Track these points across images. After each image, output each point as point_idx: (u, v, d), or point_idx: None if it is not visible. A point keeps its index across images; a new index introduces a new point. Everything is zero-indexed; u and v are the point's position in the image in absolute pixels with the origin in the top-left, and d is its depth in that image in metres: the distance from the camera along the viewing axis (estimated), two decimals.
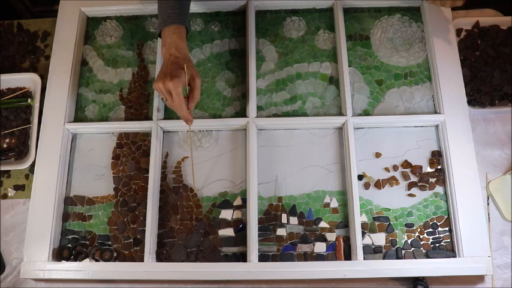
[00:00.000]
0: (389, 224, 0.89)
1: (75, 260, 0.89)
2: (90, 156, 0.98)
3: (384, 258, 0.86)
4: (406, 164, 0.93)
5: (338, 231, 0.89)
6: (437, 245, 0.88)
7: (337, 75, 1.00)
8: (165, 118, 0.98)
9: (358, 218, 0.86)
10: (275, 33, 1.05)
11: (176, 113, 0.87)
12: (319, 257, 0.87)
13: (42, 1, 1.52)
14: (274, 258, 0.88)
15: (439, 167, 0.93)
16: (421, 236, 0.88)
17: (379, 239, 0.88)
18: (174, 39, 0.83)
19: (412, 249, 0.87)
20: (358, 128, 0.96)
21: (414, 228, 0.89)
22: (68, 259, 0.90)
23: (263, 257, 0.87)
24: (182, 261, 0.88)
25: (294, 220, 0.90)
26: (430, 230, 0.88)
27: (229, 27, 1.06)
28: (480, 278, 0.86)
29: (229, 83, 1.01)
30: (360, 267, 0.84)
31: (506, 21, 1.04)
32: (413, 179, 0.92)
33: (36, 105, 1.01)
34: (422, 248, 0.87)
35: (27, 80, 1.04)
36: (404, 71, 1.00)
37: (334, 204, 0.91)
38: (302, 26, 1.05)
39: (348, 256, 0.87)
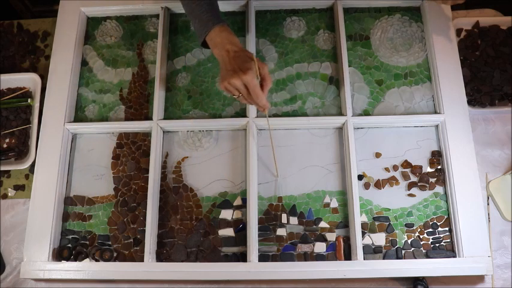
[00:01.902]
0: (389, 224, 0.89)
1: (75, 260, 0.89)
2: (90, 156, 0.98)
3: (383, 258, 0.86)
4: (406, 164, 0.93)
5: (338, 231, 0.89)
6: (437, 245, 0.88)
7: (337, 75, 1.00)
8: (165, 118, 0.98)
9: (358, 218, 0.86)
10: (275, 33, 1.05)
11: (244, 104, 0.86)
12: (319, 257, 0.87)
13: (42, 1, 1.52)
14: (274, 258, 0.88)
15: (439, 167, 0.93)
16: (421, 236, 0.88)
17: (379, 239, 0.88)
18: (224, 37, 0.82)
19: (412, 249, 0.87)
20: (358, 128, 0.96)
21: (414, 228, 0.89)
22: (68, 259, 0.90)
23: (263, 257, 0.87)
24: (182, 261, 0.88)
25: (294, 220, 0.90)
26: (430, 230, 0.88)
27: (229, 27, 1.05)
28: (480, 278, 0.86)
29: None
30: (360, 267, 0.84)
31: (506, 21, 1.04)
32: (413, 179, 0.92)
33: (36, 105, 1.01)
34: (422, 248, 0.87)
35: (27, 80, 1.04)
36: (404, 71, 1.00)
37: (334, 204, 0.91)
38: (302, 26, 1.05)
39: (348, 256, 0.87)
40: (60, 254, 0.90)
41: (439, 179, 0.92)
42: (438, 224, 0.89)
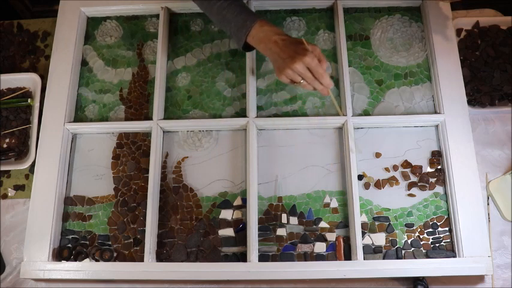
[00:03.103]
0: (390, 224, 0.89)
1: (75, 260, 0.89)
2: (90, 156, 0.98)
3: (383, 258, 0.86)
4: (406, 164, 0.93)
5: (338, 231, 0.89)
6: (437, 245, 0.88)
7: (337, 75, 1.00)
8: (165, 118, 0.98)
9: (358, 218, 0.86)
10: None
11: (304, 89, 0.84)
12: (319, 257, 0.87)
13: (42, 1, 1.52)
14: (274, 258, 0.88)
15: (439, 167, 0.93)
16: (421, 236, 0.88)
17: (379, 239, 0.88)
18: (267, 30, 0.80)
19: (412, 249, 0.87)
20: (358, 128, 0.96)
21: (414, 228, 0.89)
22: (68, 259, 0.90)
23: (263, 257, 0.87)
24: (182, 261, 0.88)
25: (294, 220, 0.90)
26: (430, 230, 0.88)
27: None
28: (480, 278, 0.86)
29: (229, 83, 1.01)
30: (360, 267, 0.84)
31: (506, 21, 1.04)
32: (413, 179, 0.92)
33: (36, 105, 1.01)
34: (422, 248, 0.87)
35: (27, 80, 1.04)
36: (404, 71, 1.00)
37: (334, 204, 0.91)
38: (302, 26, 1.05)
39: (348, 256, 0.87)
40: (60, 254, 0.90)
41: (439, 179, 0.92)
42: (438, 224, 0.89)
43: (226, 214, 0.91)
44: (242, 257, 0.88)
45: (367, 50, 1.02)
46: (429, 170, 0.93)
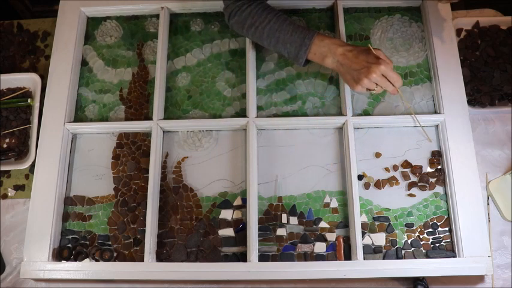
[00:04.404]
0: (390, 224, 0.89)
1: (75, 260, 0.89)
2: (90, 156, 0.98)
3: (383, 258, 0.86)
4: (406, 164, 0.93)
5: (338, 231, 0.89)
6: (437, 245, 0.88)
7: (337, 75, 1.00)
8: (165, 118, 0.98)
9: (358, 218, 0.86)
10: None
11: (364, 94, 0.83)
12: (319, 257, 0.87)
13: (42, 1, 1.52)
14: (274, 258, 0.88)
15: (439, 167, 0.93)
16: (421, 236, 0.88)
17: (379, 239, 0.88)
18: (328, 43, 0.80)
19: (412, 249, 0.87)
20: (358, 128, 0.96)
21: (414, 228, 0.89)
22: (68, 259, 0.90)
23: (263, 257, 0.87)
24: (182, 261, 0.88)
25: (294, 220, 0.90)
26: (430, 230, 0.88)
27: (229, 27, 1.06)
28: (480, 278, 0.86)
29: (229, 83, 1.01)
30: (360, 267, 0.84)
31: (506, 21, 1.04)
32: (413, 179, 0.92)
33: (36, 105, 1.01)
34: (422, 248, 0.87)
35: (27, 80, 1.04)
36: (404, 71, 1.00)
37: (334, 204, 0.91)
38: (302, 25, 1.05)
39: (348, 256, 0.87)
40: (60, 254, 0.90)
41: (439, 179, 0.92)
42: (438, 224, 0.89)
43: (226, 214, 0.91)
44: (242, 257, 0.88)
45: None
46: (429, 170, 0.93)
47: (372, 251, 0.87)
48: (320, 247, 0.88)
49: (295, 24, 0.85)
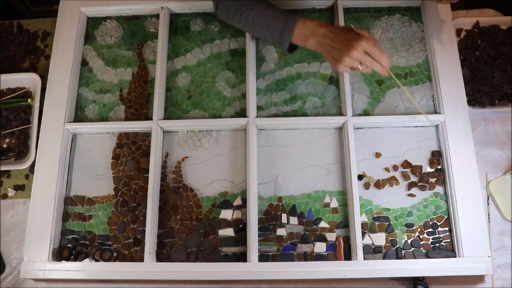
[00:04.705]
0: (390, 224, 0.89)
1: (75, 260, 0.89)
2: (90, 156, 0.98)
3: (383, 258, 0.86)
4: (406, 164, 0.93)
5: (338, 231, 0.89)
6: (437, 245, 0.88)
7: (337, 75, 1.00)
8: (165, 118, 0.98)
9: (358, 218, 0.86)
10: None
11: (359, 72, 0.81)
12: (319, 257, 0.87)
13: (42, 1, 1.52)
14: (274, 258, 0.88)
15: (439, 167, 0.93)
16: (421, 236, 0.88)
17: (379, 239, 0.88)
18: (311, 25, 0.79)
19: (412, 249, 0.87)
20: (358, 128, 0.96)
21: (414, 228, 0.89)
22: (68, 259, 0.90)
23: (263, 257, 0.87)
24: (182, 261, 0.88)
25: (294, 220, 0.90)
26: (430, 230, 0.88)
27: (229, 27, 1.06)
28: (480, 278, 0.86)
29: (229, 83, 1.01)
30: (360, 267, 0.84)
31: (506, 21, 1.04)
32: (413, 179, 0.92)
33: (36, 105, 1.01)
34: (422, 248, 0.87)
35: (27, 80, 1.04)
36: (404, 71, 1.00)
37: (334, 204, 0.91)
38: None
39: (348, 256, 0.87)
40: (60, 254, 0.90)
41: (439, 179, 0.92)
42: (438, 224, 0.89)
43: (226, 214, 0.91)
44: (242, 257, 0.88)
45: None
46: (429, 170, 0.93)
47: (372, 251, 0.87)
48: (320, 247, 0.88)
49: (279, 9, 0.84)
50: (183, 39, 1.06)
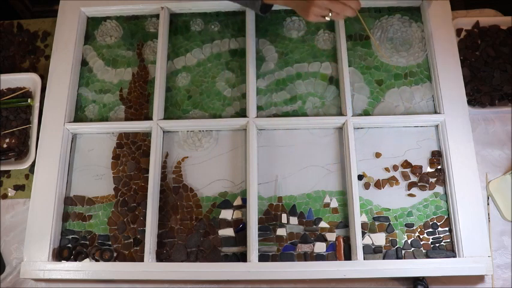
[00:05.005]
0: (390, 224, 0.89)
1: (75, 260, 0.89)
2: (90, 156, 0.98)
3: (383, 258, 0.86)
4: (406, 164, 0.93)
5: (338, 231, 0.89)
6: (437, 245, 0.88)
7: (337, 75, 1.00)
8: (165, 118, 0.98)
9: (358, 218, 0.86)
10: (275, 33, 1.05)
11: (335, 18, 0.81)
12: (319, 257, 0.87)
13: (42, 1, 1.52)
14: (274, 258, 0.88)
15: (439, 167, 0.93)
16: (421, 236, 0.88)
17: (379, 239, 0.88)
18: None
19: (412, 249, 0.87)
20: (358, 128, 0.96)
21: (414, 228, 0.89)
22: (68, 259, 0.90)
23: (263, 257, 0.87)
24: (182, 261, 0.88)
25: (294, 220, 0.90)
26: (430, 230, 0.88)
27: (229, 27, 1.06)
28: (480, 278, 0.86)
29: (229, 83, 1.01)
30: (360, 267, 0.84)
31: (506, 21, 1.04)
32: (413, 179, 0.92)
33: (36, 105, 1.01)
34: (422, 248, 0.87)
35: (27, 80, 1.04)
36: (404, 71, 1.00)
37: (334, 204, 0.91)
38: (302, 26, 1.05)
39: (348, 256, 0.87)
40: (60, 254, 0.90)
41: (439, 179, 0.92)
42: (438, 224, 0.89)
43: (226, 214, 0.91)
44: (242, 257, 0.88)
45: (367, 50, 1.02)
46: (429, 170, 0.93)
47: (372, 251, 0.87)
48: (320, 247, 0.88)
49: None
50: (183, 39, 1.06)
